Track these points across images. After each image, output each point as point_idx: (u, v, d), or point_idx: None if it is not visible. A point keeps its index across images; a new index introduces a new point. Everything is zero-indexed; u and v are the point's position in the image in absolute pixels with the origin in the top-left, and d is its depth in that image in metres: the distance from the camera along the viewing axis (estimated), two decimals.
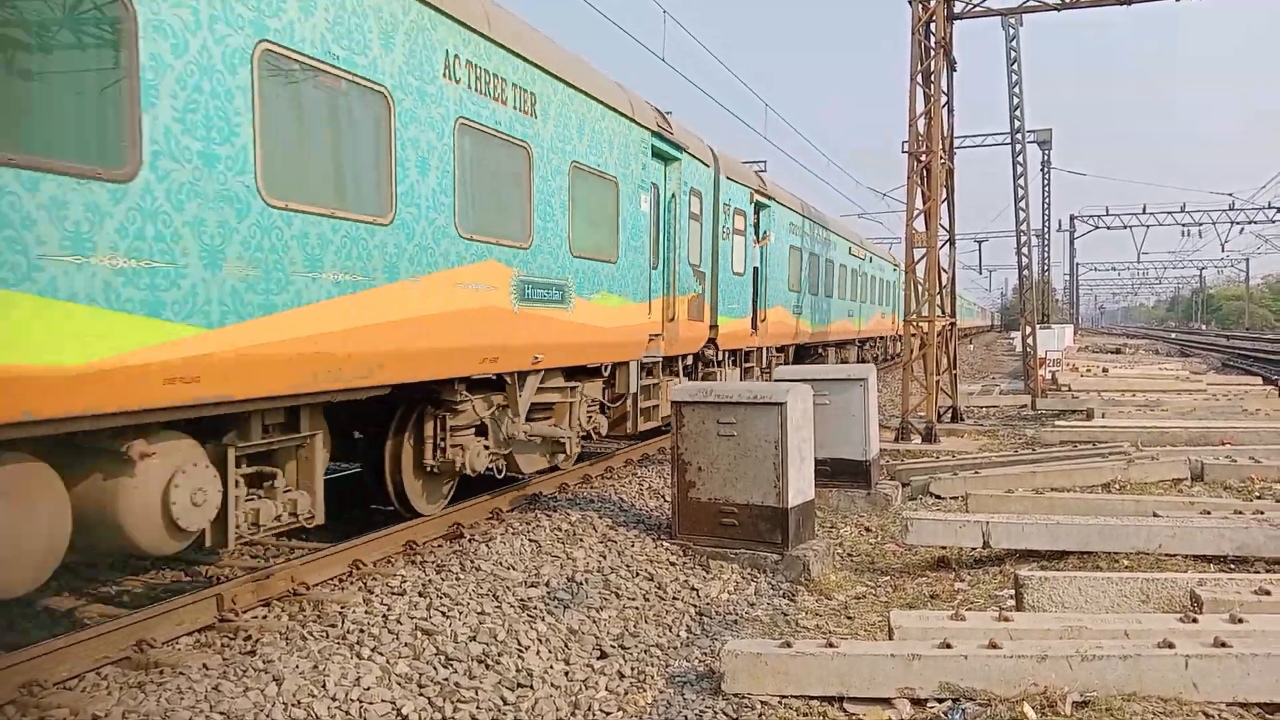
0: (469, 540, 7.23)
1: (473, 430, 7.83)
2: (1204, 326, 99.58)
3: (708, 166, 12.83)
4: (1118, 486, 9.43)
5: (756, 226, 15.16)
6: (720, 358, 13.78)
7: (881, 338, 30.05)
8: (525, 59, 7.78)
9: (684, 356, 12.45)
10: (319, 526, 6.11)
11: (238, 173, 4.92)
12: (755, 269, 15.32)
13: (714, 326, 13.12)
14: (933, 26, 14.02)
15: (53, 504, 4.44)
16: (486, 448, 7.88)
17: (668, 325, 11.31)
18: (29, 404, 3.98)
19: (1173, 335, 70.12)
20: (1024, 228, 21.92)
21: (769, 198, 15.67)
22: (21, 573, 4.34)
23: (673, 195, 11.48)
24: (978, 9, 14.89)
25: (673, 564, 6.90)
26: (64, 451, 4.51)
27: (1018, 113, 20.85)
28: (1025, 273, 22.41)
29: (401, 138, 6.27)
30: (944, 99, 14.51)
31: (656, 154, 10.87)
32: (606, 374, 10.06)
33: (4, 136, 3.89)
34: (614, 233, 9.69)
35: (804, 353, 20.11)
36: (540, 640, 5.29)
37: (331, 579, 6.25)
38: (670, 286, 11.42)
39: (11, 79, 4.06)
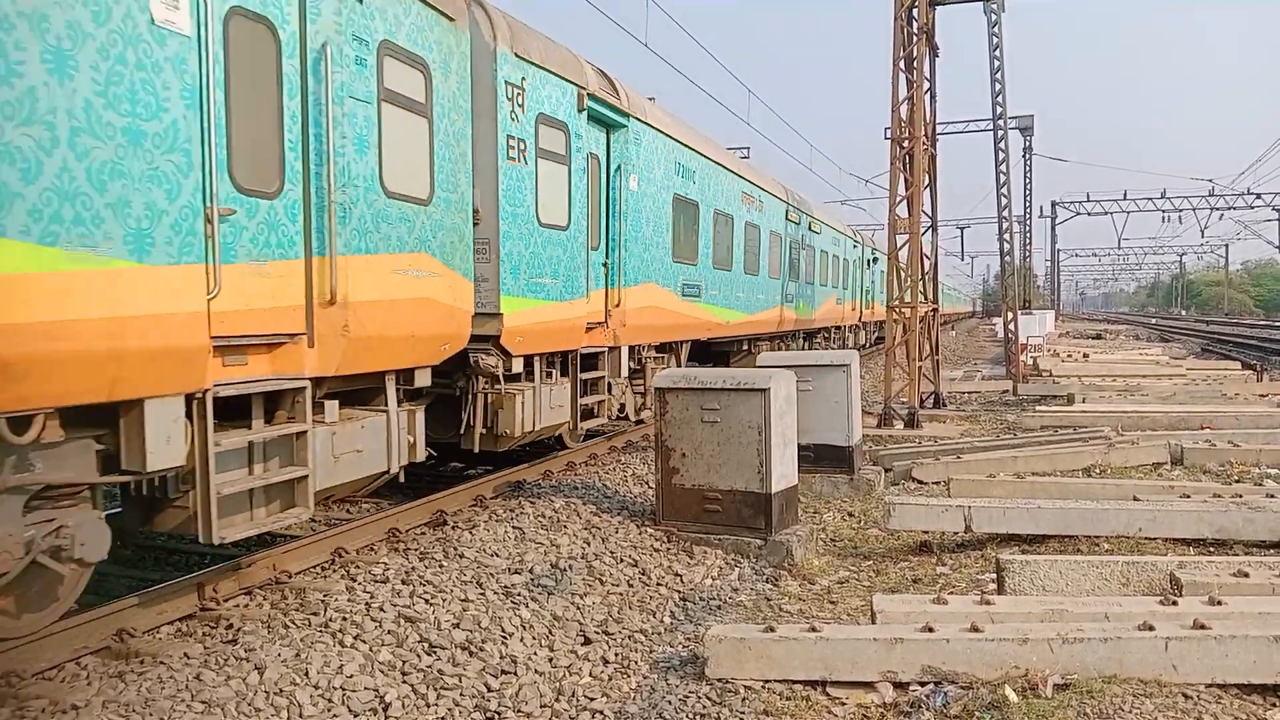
0: (452, 528, 7.21)
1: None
2: (1184, 312, 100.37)
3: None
4: (1098, 471, 9.50)
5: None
6: None
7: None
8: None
9: None
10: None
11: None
12: None
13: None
14: (915, 12, 14.00)
15: None
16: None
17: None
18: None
19: (1153, 321, 70.64)
20: (1006, 214, 21.94)
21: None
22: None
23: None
24: None
25: (656, 550, 6.90)
26: None
27: (999, 99, 20.83)
28: (1007, 259, 22.47)
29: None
30: (926, 85, 14.51)
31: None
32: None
33: None
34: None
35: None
36: (524, 627, 5.28)
37: (314, 567, 6.22)
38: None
39: None
